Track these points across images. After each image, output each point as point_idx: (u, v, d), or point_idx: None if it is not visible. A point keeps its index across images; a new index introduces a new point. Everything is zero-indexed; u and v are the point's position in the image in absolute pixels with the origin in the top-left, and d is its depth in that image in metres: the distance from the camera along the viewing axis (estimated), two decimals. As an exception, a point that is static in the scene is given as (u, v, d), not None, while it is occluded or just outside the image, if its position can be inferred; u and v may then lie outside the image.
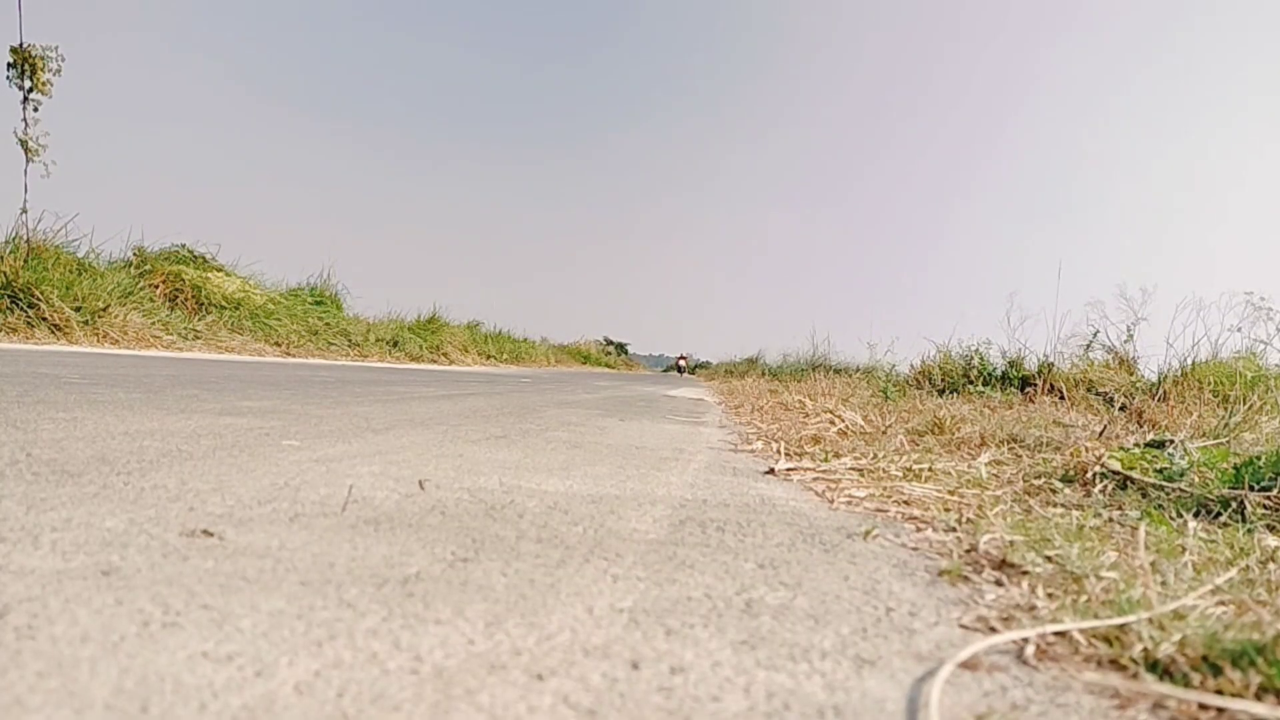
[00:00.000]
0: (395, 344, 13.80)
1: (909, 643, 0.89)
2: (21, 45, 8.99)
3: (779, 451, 2.75)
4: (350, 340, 12.52)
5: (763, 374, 14.97)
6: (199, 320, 9.65)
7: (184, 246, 11.41)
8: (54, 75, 9.17)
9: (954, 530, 1.55)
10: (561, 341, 30.71)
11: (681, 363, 39.37)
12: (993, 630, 0.94)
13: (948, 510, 1.80)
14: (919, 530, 1.57)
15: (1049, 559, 1.24)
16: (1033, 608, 1.02)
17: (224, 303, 10.48)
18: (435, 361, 14.33)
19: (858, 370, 11.52)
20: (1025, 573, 1.18)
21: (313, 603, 0.86)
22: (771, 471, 2.29)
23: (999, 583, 1.16)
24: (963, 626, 0.95)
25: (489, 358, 17.66)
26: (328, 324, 12.40)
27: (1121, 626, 0.91)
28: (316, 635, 0.77)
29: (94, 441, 1.78)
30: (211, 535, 1.10)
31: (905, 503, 1.91)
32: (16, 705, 0.59)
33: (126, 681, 0.64)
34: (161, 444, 1.82)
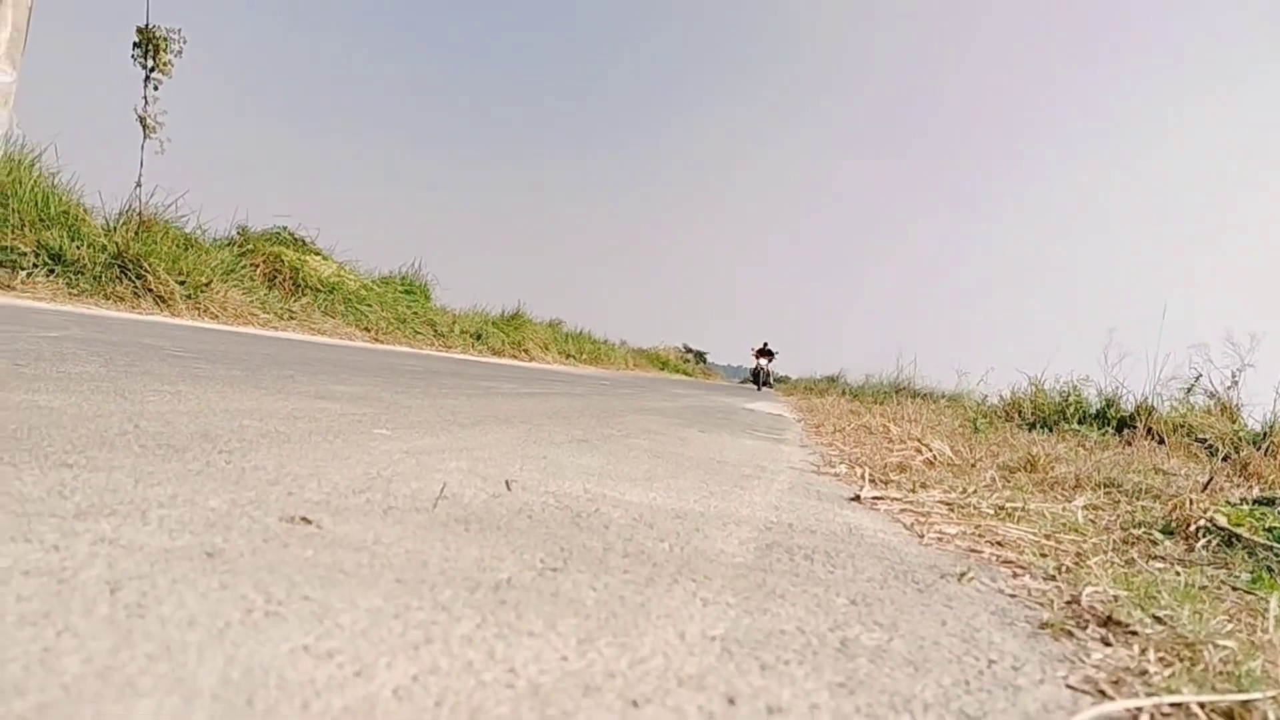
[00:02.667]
0: (479, 337, 13.99)
1: (1015, 700, 0.85)
2: (147, 26, 9.38)
3: (863, 477, 2.69)
4: (436, 330, 12.73)
5: (843, 393, 14.76)
6: (295, 301, 9.92)
7: (285, 229, 11.75)
8: (175, 57, 9.53)
9: (1053, 579, 1.50)
10: (640, 346, 30.62)
11: (762, 363, 26.88)
12: (1103, 694, 0.89)
13: (1044, 555, 1.74)
14: (1015, 576, 1.52)
15: (1158, 619, 1.18)
16: (1144, 672, 0.97)
17: (319, 286, 10.75)
18: (516, 357, 14.49)
19: (943, 397, 11.28)
20: (1133, 632, 1.13)
21: (408, 602, 0.86)
22: (857, 499, 2.24)
23: (1105, 641, 1.10)
24: (1070, 687, 0.91)
25: (568, 357, 17.79)
26: (415, 313, 12.63)
27: (1245, 703, 0.85)
28: (413, 638, 0.77)
29: (197, 417, 1.83)
30: (310, 523, 1.11)
31: (998, 544, 1.85)
32: (129, 687, 0.60)
33: (232, 671, 0.65)
34: (260, 424, 1.87)
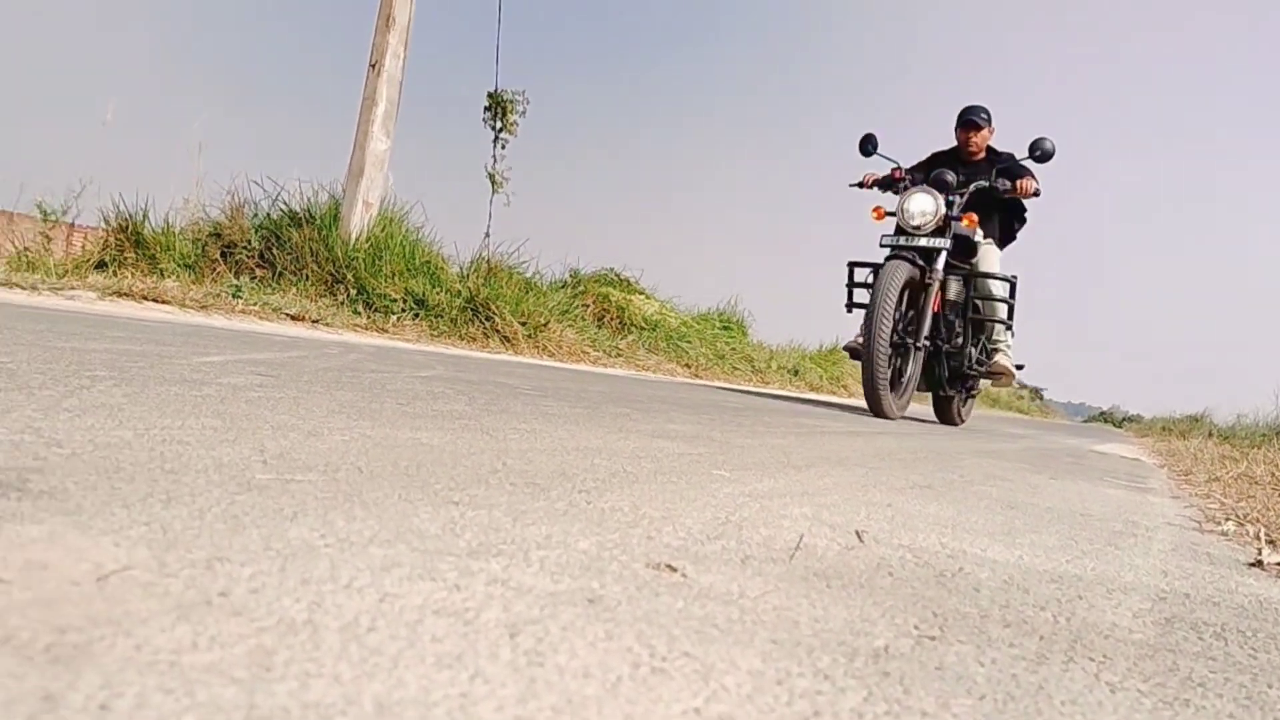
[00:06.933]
0: (796, 372, 13.98)
1: None
2: (496, 90, 10.38)
3: (1259, 537, 2.33)
4: (753, 366, 12.88)
5: (1209, 435, 13.13)
6: (621, 339, 10.45)
7: (612, 270, 12.48)
8: (520, 117, 10.49)
9: None
10: (995, 388, 28.81)
11: (918, 208, 5.58)
12: None
13: None
14: None
15: None
16: None
17: (643, 324, 11.26)
18: (834, 393, 14.30)
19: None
20: None
21: (788, 667, 0.82)
22: (1258, 564, 1.94)
23: None
24: None
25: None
26: (733, 349, 12.87)
27: None
28: (800, 708, 0.73)
29: (553, 455, 1.92)
30: (675, 571, 1.11)
31: None
32: (542, 743, 0.61)
33: (633, 734, 0.64)
34: (609, 463, 1.93)
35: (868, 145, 6.03)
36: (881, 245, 5.71)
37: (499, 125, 10.55)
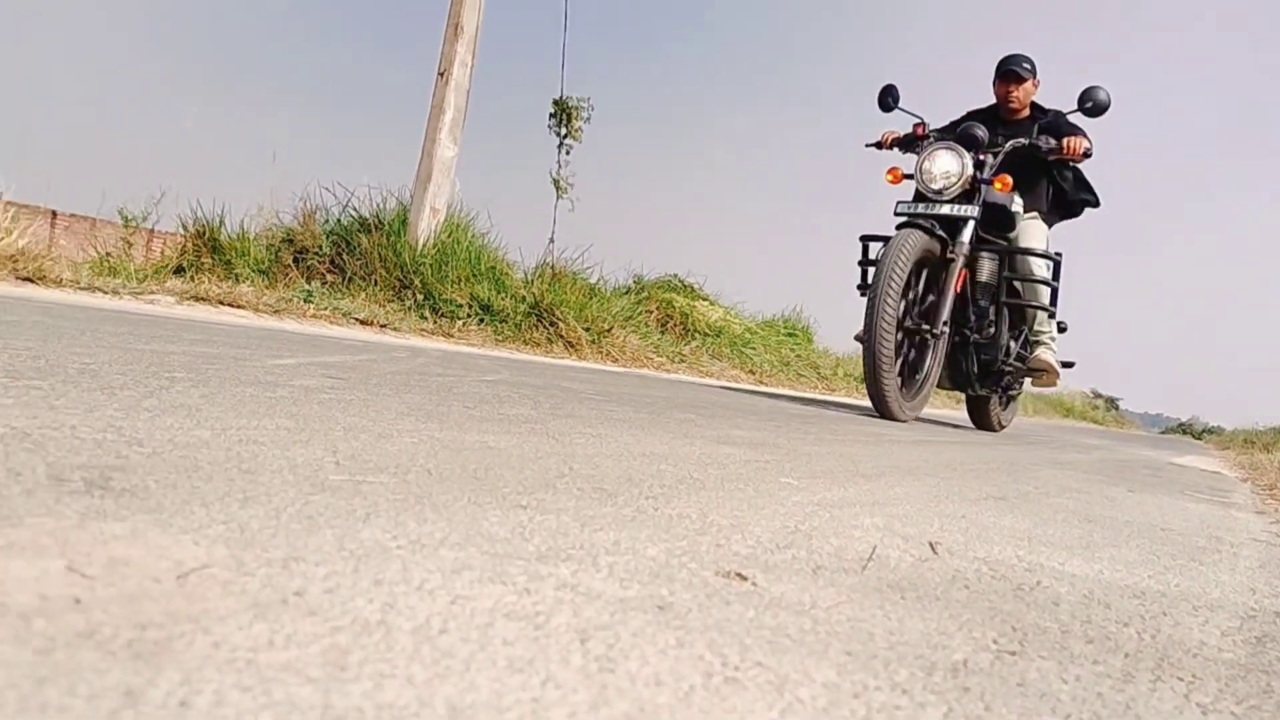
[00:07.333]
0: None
1: None
2: (562, 97, 10.48)
3: (1353, 557, 2.23)
4: (819, 373, 12.76)
5: (1296, 448, 12.63)
6: (685, 345, 10.44)
7: (675, 276, 12.48)
8: (584, 123, 10.57)
9: None
10: (1040, 391, 28.34)
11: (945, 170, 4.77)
12: None
13: None
14: None
15: None
16: None
17: (707, 330, 11.24)
18: (899, 401, 14.10)
19: None
20: None
21: (865, 680, 0.80)
22: (1354, 584, 1.85)
23: None
24: None
25: (959, 402, 16.99)
26: (799, 356, 12.77)
27: None
28: (879, 724, 0.71)
29: (620, 460, 1.92)
30: (745, 579, 1.09)
31: None
32: (616, 752, 0.60)
33: (708, 745, 0.63)
34: (675, 469, 1.92)
35: (887, 99, 5.13)
36: (896, 214, 4.86)
37: (564, 131, 10.66)
